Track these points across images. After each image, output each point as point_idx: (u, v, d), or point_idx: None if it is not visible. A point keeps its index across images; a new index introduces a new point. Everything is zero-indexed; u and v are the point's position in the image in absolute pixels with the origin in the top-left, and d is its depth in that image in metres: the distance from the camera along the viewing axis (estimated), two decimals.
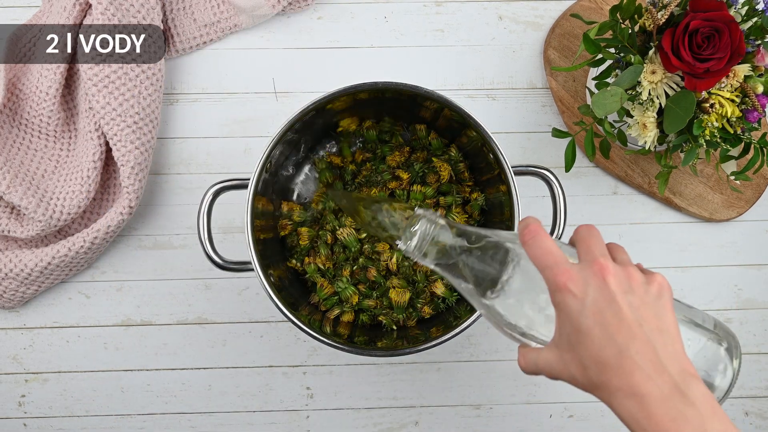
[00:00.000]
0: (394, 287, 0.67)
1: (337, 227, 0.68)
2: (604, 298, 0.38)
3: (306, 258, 0.69)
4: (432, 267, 0.46)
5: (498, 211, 0.67)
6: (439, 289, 0.67)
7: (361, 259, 0.68)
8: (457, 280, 0.45)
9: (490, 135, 0.61)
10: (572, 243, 0.44)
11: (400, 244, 0.47)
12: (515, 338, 0.44)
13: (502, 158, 0.61)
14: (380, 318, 0.68)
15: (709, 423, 0.36)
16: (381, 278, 0.68)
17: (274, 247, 0.69)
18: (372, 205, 0.51)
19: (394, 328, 0.68)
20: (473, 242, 0.45)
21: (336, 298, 0.68)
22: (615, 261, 0.41)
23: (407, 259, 0.68)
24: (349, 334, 0.65)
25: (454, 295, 0.68)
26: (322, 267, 0.68)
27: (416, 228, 0.46)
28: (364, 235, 0.68)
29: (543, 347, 0.42)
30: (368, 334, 0.67)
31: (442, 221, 0.46)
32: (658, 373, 0.37)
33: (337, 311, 0.68)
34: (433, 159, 0.70)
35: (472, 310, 0.60)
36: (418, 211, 0.47)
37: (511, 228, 0.61)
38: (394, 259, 0.67)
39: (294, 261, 0.69)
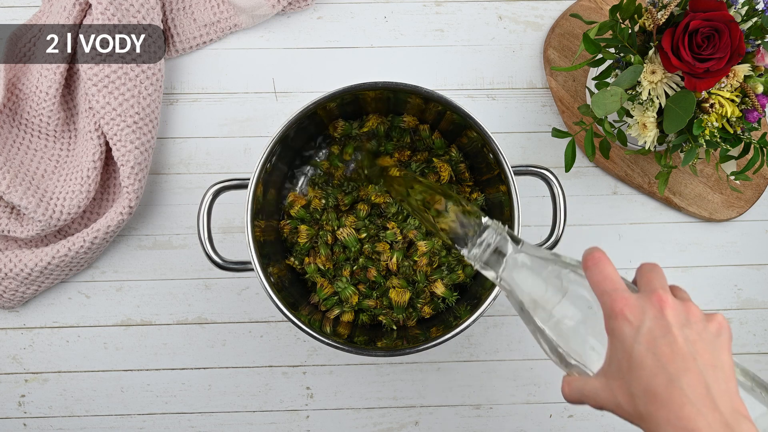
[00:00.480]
0: (394, 287, 0.67)
1: (337, 227, 0.68)
2: (660, 327, 0.38)
3: (306, 258, 0.68)
4: (491, 278, 0.46)
5: (498, 211, 0.67)
6: (439, 289, 0.67)
7: (361, 259, 0.68)
8: (512, 297, 0.45)
9: (490, 135, 0.61)
10: (635, 282, 0.44)
11: (465, 251, 0.47)
12: (561, 365, 0.44)
13: (502, 158, 0.61)
14: (380, 318, 0.68)
15: None
16: (381, 278, 0.68)
17: (274, 247, 0.69)
18: (438, 200, 0.50)
19: (394, 327, 0.68)
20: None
21: (336, 298, 0.68)
22: (675, 297, 0.40)
23: (407, 259, 0.68)
24: (348, 334, 0.65)
25: (454, 295, 0.68)
26: (322, 267, 0.68)
27: (483, 238, 0.46)
28: (365, 234, 0.68)
29: (590, 377, 0.41)
30: (368, 334, 0.67)
31: (506, 234, 0.46)
32: (709, 409, 0.36)
33: (337, 311, 0.68)
34: (434, 159, 0.70)
35: (473, 310, 0.60)
36: (487, 220, 0.48)
37: (512, 227, 0.61)
38: (394, 259, 0.67)
39: (293, 259, 0.69)
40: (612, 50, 0.61)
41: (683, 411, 0.36)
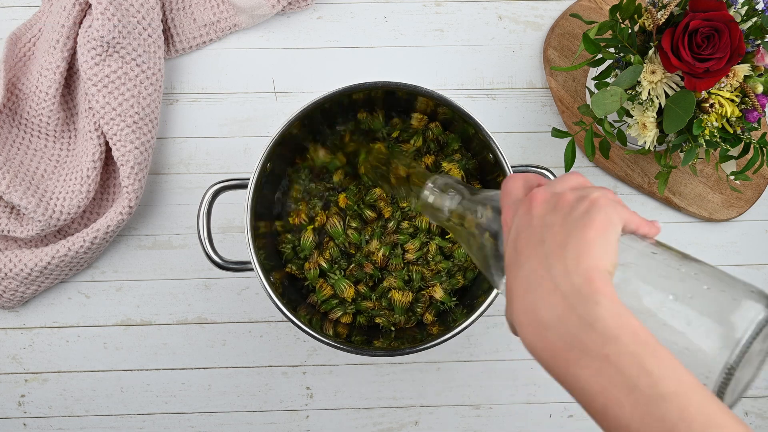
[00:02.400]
0: (394, 288, 0.67)
1: (333, 229, 0.68)
2: (524, 222, 0.36)
3: (306, 264, 0.68)
4: (442, 212, 0.49)
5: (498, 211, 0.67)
6: (438, 293, 0.67)
7: (357, 255, 0.68)
8: (464, 236, 0.47)
9: (490, 135, 0.61)
10: None
11: (422, 195, 0.50)
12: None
13: (502, 158, 0.61)
14: (377, 320, 0.68)
15: (611, 345, 0.30)
16: (377, 272, 0.68)
17: (274, 248, 0.70)
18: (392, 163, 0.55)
19: (392, 329, 0.68)
20: (474, 196, 0.47)
21: (336, 301, 0.68)
22: (557, 189, 0.37)
23: (394, 256, 0.68)
24: (347, 334, 0.65)
25: (453, 300, 0.68)
26: (323, 265, 0.68)
27: (432, 185, 0.50)
28: (355, 224, 0.68)
29: None
30: (366, 335, 0.67)
31: (452, 179, 0.50)
32: (548, 292, 0.32)
33: (339, 312, 0.68)
34: (443, 164, 0.69)
35: (469, 313, 0.60)
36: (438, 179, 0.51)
37: None
38: (380, 253, 0.67)
39: (290, 266, 0.69)
40: (612, 50, 0.61)
41: (526, 299, 0.33)
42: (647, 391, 0.29)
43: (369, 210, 0.68)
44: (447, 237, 0.68)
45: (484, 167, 0.69)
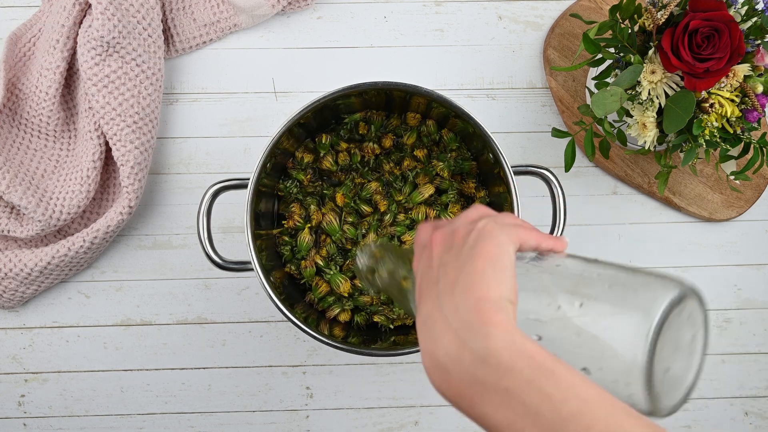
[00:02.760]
0: None
1: (321, 216, 0.68)
2: (426, 266, 0.36)
3: (303, 263, 0.69)
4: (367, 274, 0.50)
5: (498, 211, 0.67)
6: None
7: (354, 249, 0.68)
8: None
9: (490, 135, 0.61)
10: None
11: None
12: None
13: (501, 158, 0.61)
14: (375, 318, 0.68)
15: (507, 377, 0.29)
16: None
17: (275, 248, 0.69)
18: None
19: (391, 327, 0.68)
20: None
21: (332, 298, 0.68)
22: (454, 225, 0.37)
23: (392, 241, 0.69)
24: (344, 335, 0.65)
25: None
26: (320, 262, 0.68)
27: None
28: (351, 219, 0.68)
29: None
30: (364, 335, 0.67)
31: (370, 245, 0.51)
32: (443, 331, 0.32)
33: (337, 310, 0.68)
34: (434, 161, 0.69)
35: None
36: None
37: None
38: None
39: (290, 266, 0.69)
40: (612, 50, 0.61)
41: (426, 342, 0.33)
42: (550, 416, 0.28)
43: (365, 204, 0.69)
44: None
45: (484, 167, 0.69)
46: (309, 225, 0.69)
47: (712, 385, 0.78)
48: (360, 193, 0.69)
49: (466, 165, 0.70)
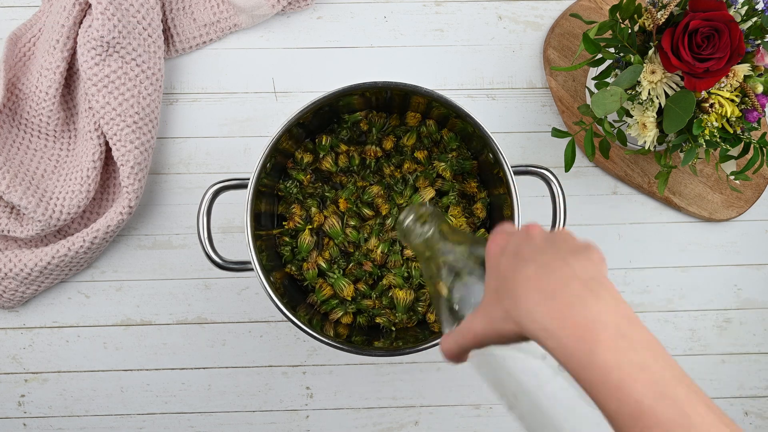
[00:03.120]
0: (396, 286, 0.67)
1: (323, 219, 0.68)
2: (523, 239, 0.38)
3: (304, 264, 0.68)
4: (413, 244, 0.49)
5: (498, 211, 0.67)
6: (442, 291, 0.67)
7: (356, 253, 0.68)
8: (428, 265, 0.48)
9: (490, 135, 0.61)
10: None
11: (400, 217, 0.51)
12: (448, 322, 0.45)
13: (501, 158, 0.61)
14: (377, 320, 0.68)
15: (630, 326, 0.33)
16: (377, 270, 0.68)
17: (275, 248, 0.69)
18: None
19: (393, 329, 0.68)
20: (452, 236, 0.48)
21: (336, 301, 0.68)
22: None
23: (393, 252, 0.68)
24: (347, 335, 0.65)
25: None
26: (323, 265, 0.68)
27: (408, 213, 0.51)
28: (353, 222, 0.68)
29: (470, 320, 0.41)
30: (366, 335, 0.67)
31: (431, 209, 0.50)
32: (569, 278, 0.35)
33: (340, 313, 0.68)
34: (435, 162, 0.69)
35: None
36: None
37: None
38: (379, 250, 0.67)
39: (290, 266, 0.69)
40: (612, 50, 0.61)
41: (542, 286, 0.35)
42: (659, 374, 0.32)
43: (367, 208, 0.69)
44: None
45: (483, 167, 0.69)
46: (310, 226, 0.69)
47: (712, 385, 0.78)
48: (362, 197, 0.69)
49: (467, 164, 0.70)
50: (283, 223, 0.69)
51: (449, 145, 0.70)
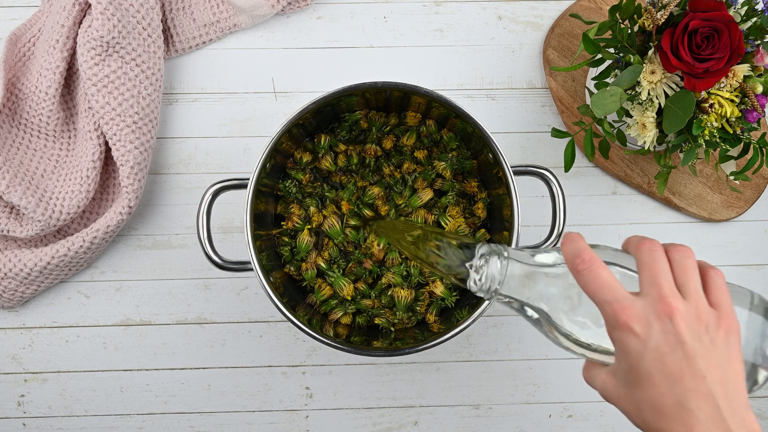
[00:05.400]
0: (396, 285, 0.67)
1: (322, 219, 0.68)
2: (668, 342, 0.36)
3: (303, 264, 0.69)
4: (503, 302, 0.45)
5: (498, 211, 0.67)
6: (438, 288, 0.67)
7: (356, 252, 0.68)
8: (524, 310, 0.44)
9: (490, 135, 0.61)
10: (625, 249, 0.42)
11: (470, 284, 0.45)
12: (583, 354, 0.43)
13: (501, 158, 0.61)
14: (377, 321, 0.68)
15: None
16: (376, 268, 0.68)
17: (274, 248, 0.69)
18: (429, 238, 0.48)
19: (392, 329, 0.68)
20: (534, 267, 0.43)
21: (335, 301, 0.68)
22: (679, 287, 0.38)
23: (390, 247, 0.68)
24: (346, 335, 0.65)
25: (454, 295, 0.68)
26: (322, 265, 0.68)
27: (484, 264, 0.45)
28: (353, 222, 0.68)
29: (604, 369, 0.41)
30: (365, 335, 0.67)
31: (505, 252, 0.44)
32: (717, 428, 0.35)
33: (340, 313, 0.68)
34: (435, 162, 0.69)
35: (471, 311, 0.60)
36: (482, 247, 0.46)
37: (511, 227, 0.61)
38: (381, 246, 0.67)
39: (289, 266, 0.69)
40: (611, 50, 0.61)
41: (672, 392, 0.36)
42: None
43: (367, 209, 0.69)
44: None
45: (483, 167, 0.69)
46: (309, 226, 0.68)
47: None
48: (362, 198, 0.69)
49: (467, 164, 0.70)
50: (282, 223, 0.69)
51: (449, 145, 0.70)
